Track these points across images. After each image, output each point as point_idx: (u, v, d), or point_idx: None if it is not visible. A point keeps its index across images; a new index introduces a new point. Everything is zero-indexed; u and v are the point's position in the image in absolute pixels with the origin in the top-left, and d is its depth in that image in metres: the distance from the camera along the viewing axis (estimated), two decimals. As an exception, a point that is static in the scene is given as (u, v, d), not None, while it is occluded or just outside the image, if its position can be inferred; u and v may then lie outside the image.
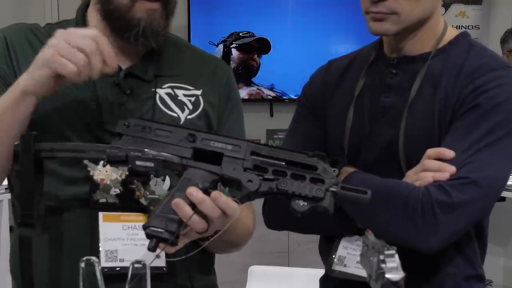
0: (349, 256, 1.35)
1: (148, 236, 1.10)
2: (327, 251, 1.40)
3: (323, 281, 1.47)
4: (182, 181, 1.14)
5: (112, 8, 1.31)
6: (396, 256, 0.92)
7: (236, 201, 1.12)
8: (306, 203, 1.09)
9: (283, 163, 1.13)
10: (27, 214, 1.18)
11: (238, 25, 4.31)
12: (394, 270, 0.91)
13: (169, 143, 1.16)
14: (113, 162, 1.17)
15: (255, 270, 2.31)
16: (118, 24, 1.32)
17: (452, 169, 1.23)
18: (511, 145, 1.27)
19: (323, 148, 1.41)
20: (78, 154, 1.20)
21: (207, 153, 1.16)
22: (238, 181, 1.13)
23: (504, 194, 3.30)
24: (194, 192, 1.10)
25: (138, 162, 1.16)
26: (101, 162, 1.25)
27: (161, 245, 1.10)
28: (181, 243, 1.14)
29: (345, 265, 1.36)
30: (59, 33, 1.20)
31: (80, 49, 1.16)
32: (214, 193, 1.11)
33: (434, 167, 1.24)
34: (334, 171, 1.13)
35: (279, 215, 1.38)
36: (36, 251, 1.32)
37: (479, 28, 4.45)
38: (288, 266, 3.62)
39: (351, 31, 4.17)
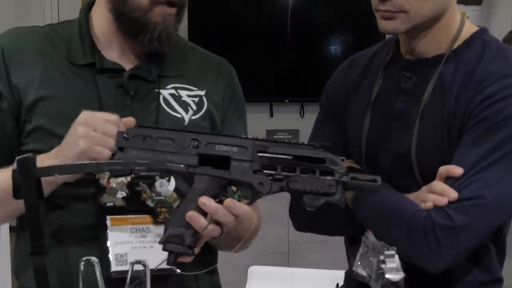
0: None
1: (166, 250, 1.11)
2: (350, 252, 1.40)
3: (347, 281, 1.46)
4: (192, 190, 1.13)
5: (128, 9, 1.30)
6: (396, 256, 0.92)
7: (248, 203, 1.13)
8: (318, 200, 1.10)
9: (291, 157, 1.12)
10: (37, 242, 1.16)
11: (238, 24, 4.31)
12: (394, 271, 0.91)
13: (173, 152, 1.15)
14: (116, 175, 1.18)
15: (255, 271, 2.31)
16: (132, 26, 1.32)
17: (453, 194, 1.20)
18: None
19: (345, 150, 1.41)
20: (79, 170, 1.20)
21: (213, 158, 1.14)
22: (249, 184, 1.12)
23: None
24: (207, 202, 1.11)
25: (143, 173, 1.15)
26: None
27: (179, 258, 1.12)
28: (196, 250, 1.15)
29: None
30: (83, 120, 1.20)
31: (107, 134, 1.18)
32: (227, 202, 1.11)
33: (438, 190, 1.22)
34: (342, 160, 1.12)
35: (307, 217, 1.37)
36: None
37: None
38: (288, 267, 3.61)
39: (352, 31, 4.17)
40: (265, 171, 1.12)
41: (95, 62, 1.34)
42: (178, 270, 1.11)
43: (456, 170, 1.22)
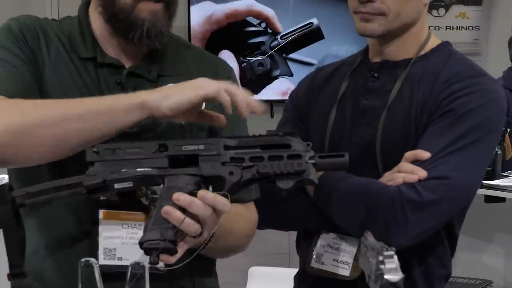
0: (326, 254, 1.40)
1: (147, 250, 1.10)
2: (305, 248, 1.44)
3: (299, 277, 1.50)
4: (166, 190, 1.14)
5: (115, 10, 1.31)
6: (395, 257, 0.92)
7: (224, 195, 1.12)
8: (290, 180, 1.12)
9: (258, 149, 1.15)
10: (16, 264, 1.16)
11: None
12: (393, 271, 0.91)
13: (142, 158, 1.17)
14: (92, 192, 1.17)
15: (255, 271, 2.32)
16: (121, 26, 1.32)
17: (423, 173, 1.26)
18: (482, 150, 1.31)
19: None
20: (55, 195, 1.19)
21: (183, 159, 1.17)
22: (220, 176, 1.14)
23: (504, 194, 3.31)
24: (181, 197, 1.11)
25: (116, 185, 1.16)
26: None
27: (162, 256, 1.10)
28: (180, 251, 1.14)
29: (322, 263, 1.40)
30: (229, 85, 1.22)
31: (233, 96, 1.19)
32: (200, 192, 1.11)
33: (407, 170, 1.28)
34: (308, 144, 1.15)
35: (260, 215, 1.40)
36: (36, 247, 1.32)
37: (479, 29, 4.45)
38: (288, 267, 3.62)
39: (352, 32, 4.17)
40: (233, 163, 1.15)
41: (96, 56, 1.35)
42: (162, 264, 1.10)
43: (424, 154, 1.28)
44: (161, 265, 1.10)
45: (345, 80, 1.45)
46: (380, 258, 0.92)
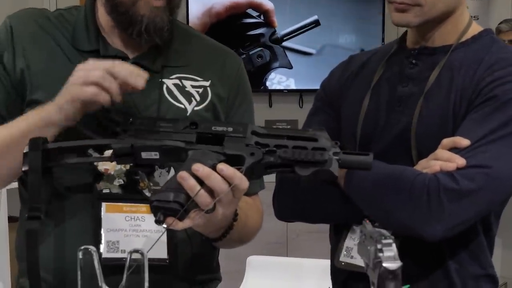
0: (356, 247, 1.33)
1: (155, 209, 1.10)
2: (335, 243, 1.40)
3: (332, 273, 1.46)
4: (188, 161, 1.14)
5: (116, 2, 1.31)
6: (394, 245, 0.92)
7: (239, 169, 1.12)
8: (309, 167, 1.12)
9: (284, 139, 1.15)
10: (34, 207, 1.18)
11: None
12: (391, 259, 0.91)
13: (172, 132, 1.18)
14: (119, 156, 1.18)
15: (254, 260, 2.32)
16: (121, 19, 1.32)
17: (461, 161, 1.20)
18: None
19: (338, 139, 1.41)
20: (84, 159, 1.24)
21: (210, 139, 1.18)
22: (241, 155, 1.14)
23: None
24: (200, 168, 1.10)
25: (143, 154, 1.16)
26: (106, 152, 1.25)
27: (168, 219, 1.10)
28: (189, 222, 1.13)
29: (352, 257, 1.36)
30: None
31: (93, 82, 1.20)
32: (219, 165, 1.11)
33: (444, 157, 1.22)
34: (336, 143, 1.14)
35: (289, 206, 1.38)
36: (40, 238, 1.32)
37: (478, 18, 4.44)
38: (287, 256, 3.63)
39: (351, 20, 4.17)
40: (257, 147, 1.16)
41: (99, 49, 1.35)
42: (165, 225, 1.09)
43: (463, 142, 1.22)
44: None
45: (380, 67, 1.39)
46: (379, 246, 0.92)
